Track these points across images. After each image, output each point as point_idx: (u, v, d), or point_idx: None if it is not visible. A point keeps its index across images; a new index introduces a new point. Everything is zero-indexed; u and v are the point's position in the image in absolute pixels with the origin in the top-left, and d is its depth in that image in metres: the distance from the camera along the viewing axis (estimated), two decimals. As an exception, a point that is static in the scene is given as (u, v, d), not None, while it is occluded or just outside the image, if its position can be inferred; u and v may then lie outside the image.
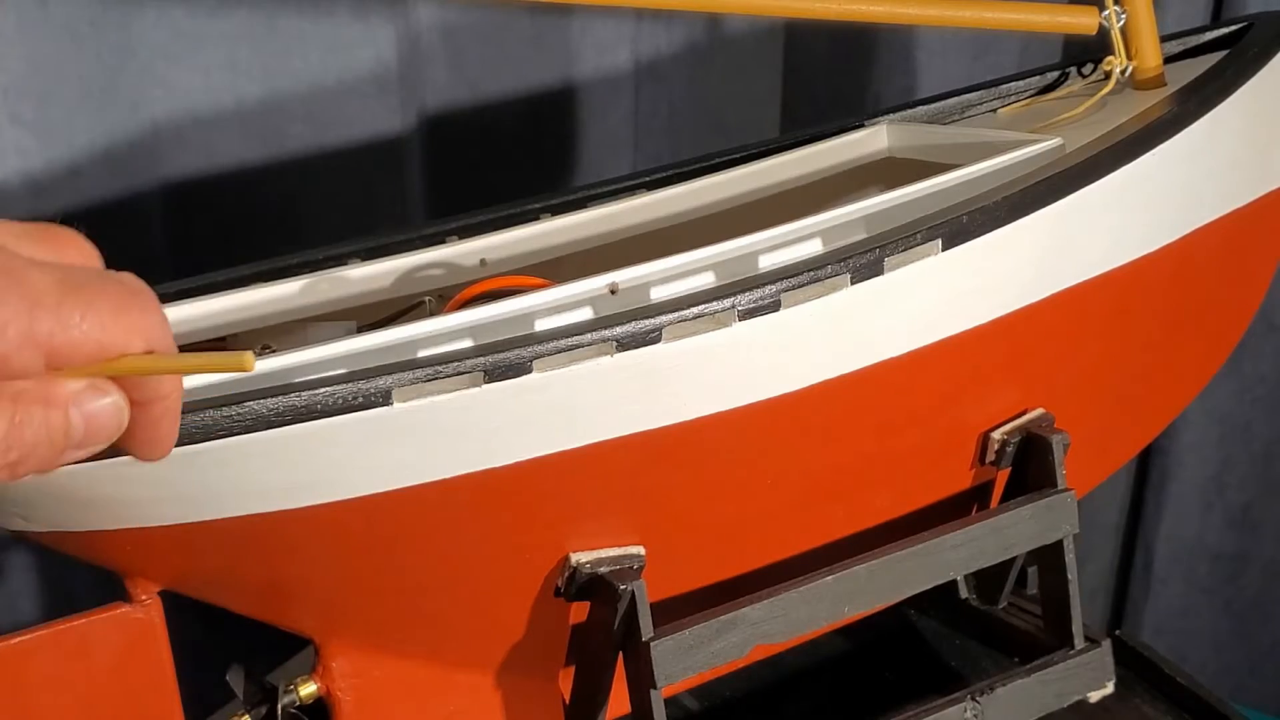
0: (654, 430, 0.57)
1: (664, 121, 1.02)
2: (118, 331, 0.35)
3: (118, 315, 0.35)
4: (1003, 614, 0.76)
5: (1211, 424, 1.24)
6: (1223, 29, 0.80)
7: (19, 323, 0.34)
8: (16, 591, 0.89)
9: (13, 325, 0.34)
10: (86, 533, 0.54)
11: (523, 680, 0.65)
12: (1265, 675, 1.36)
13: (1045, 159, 0.66)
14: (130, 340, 0.35)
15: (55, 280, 0.35)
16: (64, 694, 0.56)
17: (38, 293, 0.34)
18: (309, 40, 0.85)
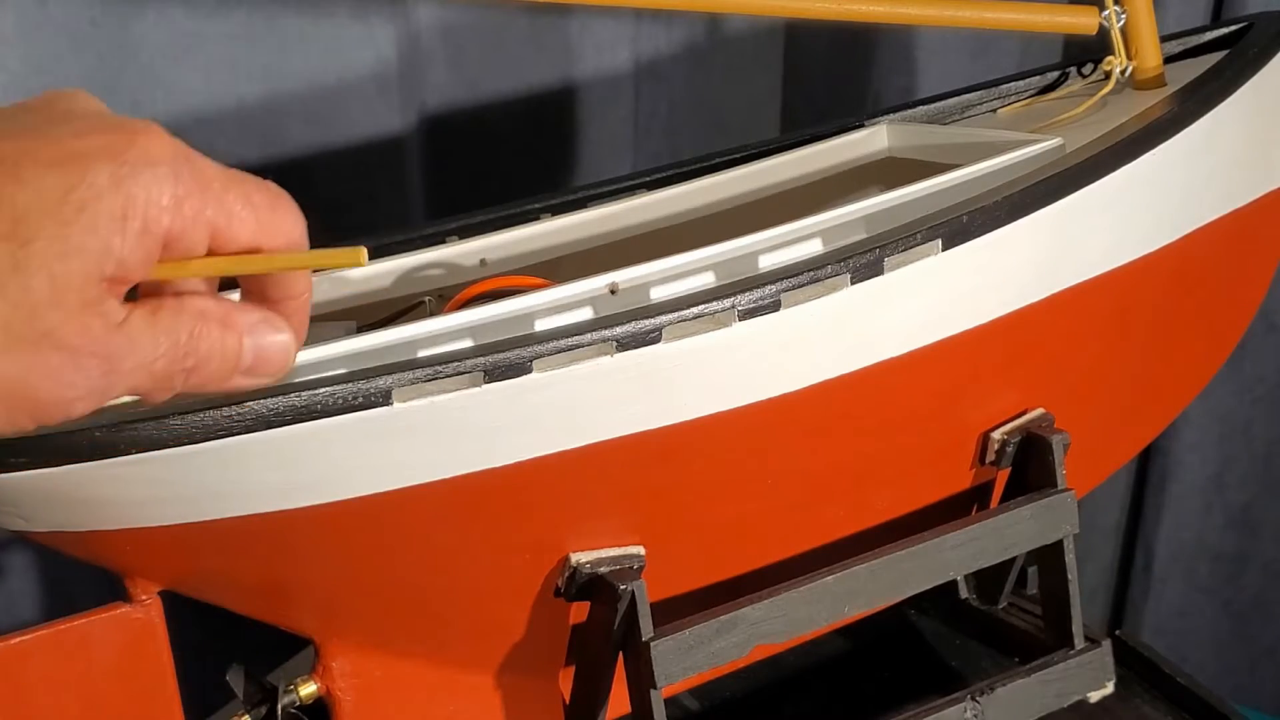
0: (654, 430, 0.57)
1: (664, 121, 1.01)
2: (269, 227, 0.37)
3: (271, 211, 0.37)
4: (1003, 614, 0.76)
5: (1212, 424, 1.24)
6: (1223, 29, 0.80)
7: (193, 201, 0.35)
8: (16, 591, 0.89)
9: (188, 203, 0.35)
10: (86, 533, 0.54)
11: (523, 680, 0.65)
12: (1265, 675, 1.36)
13: (1045, 159, 0.66)
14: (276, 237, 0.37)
15: (220, 170, 0.36)
16: (64, 694, 0.56)
17: (208, 178, 0.35)
18: (309, 40, 0.85)
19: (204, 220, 0.35)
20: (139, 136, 0.34)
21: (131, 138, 0.34)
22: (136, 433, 0.48)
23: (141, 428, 0.48)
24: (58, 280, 0.32)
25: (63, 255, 0.32)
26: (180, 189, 0.34)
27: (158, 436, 0.48)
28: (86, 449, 0.48)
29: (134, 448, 0.48)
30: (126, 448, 0.48)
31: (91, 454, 0.48)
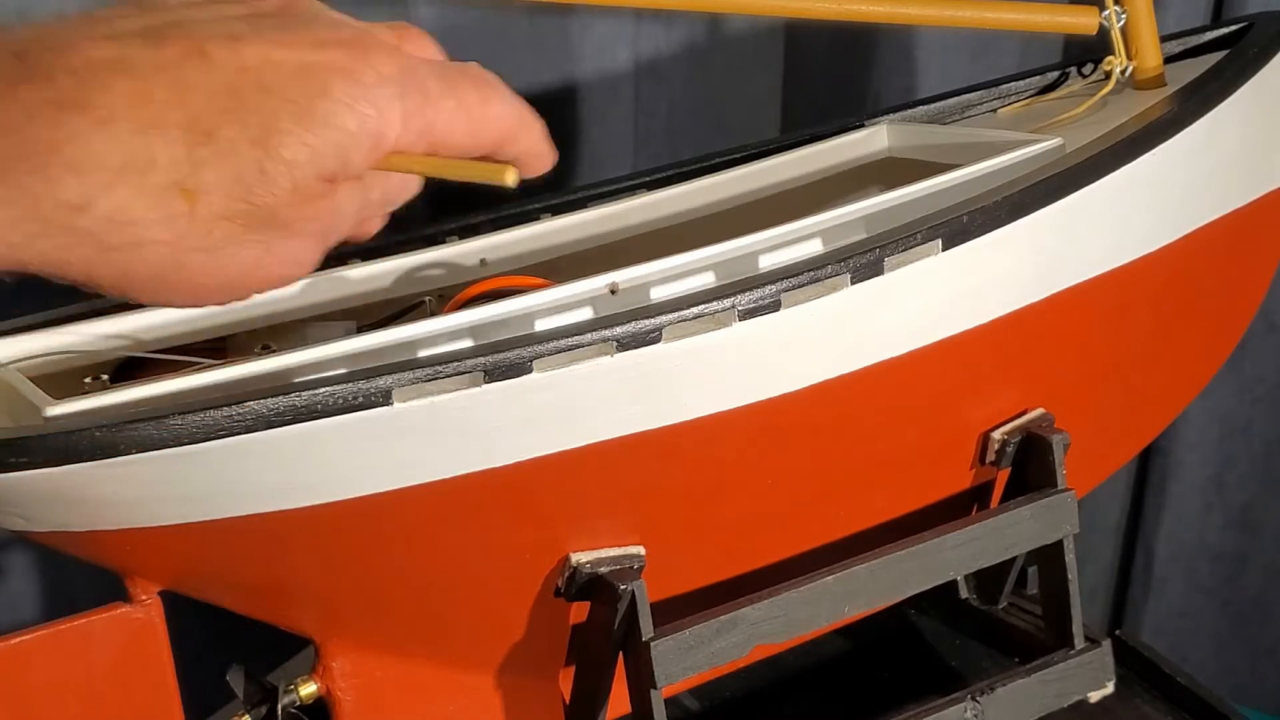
0: (654, 430, 0.57)
1: (664, 121, 1.01)
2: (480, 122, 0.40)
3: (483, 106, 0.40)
4: (1003, 614, 0.76)
5: (1212, 424, 1.24)
6: (1223, 29, 0.80)
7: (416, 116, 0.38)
8: (16, 591, 0.89)
9: (413, 118, 0.38)
10: (86, 533, 0.54)
11: (523, 680, 0.65)
12: (1265, 675, 1.36)
13: (1045, 159, 0.66)
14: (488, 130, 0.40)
15: (438, 75, 0.39)
16: (64, 694, 0.56)
17: (428, 89, 0.38)
18: (309, 40, 0.85)
19: (423, 128, 0.38)
20: (371, 54, 0.36)
21: (365, 55, 0.36)
22: (136, 433, 0.48)
23: (141, 428, 0.48)
24: (298, 184, 0.35)
25: (303, 163, 0.35)
26: (407, 104, 0.37)
27: (158, 436, 0.48)
28: (86, 449, 0.48)
29: (134, 448, 0.48)
30: (126, 448, 0.48)
31: (91, 454, 0.48)
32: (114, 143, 0.33)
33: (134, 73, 0.34)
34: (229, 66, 0.35)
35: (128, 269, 0.35)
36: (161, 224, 0.34)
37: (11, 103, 0.33)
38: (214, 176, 0.34)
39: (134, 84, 0.33)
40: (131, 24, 0.35)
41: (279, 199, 0.35)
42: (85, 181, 0.33)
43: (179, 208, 0.34)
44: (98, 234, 0.34)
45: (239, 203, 0.35)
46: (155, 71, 0.34)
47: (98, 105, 0.33)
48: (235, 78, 0.34)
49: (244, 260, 0.36)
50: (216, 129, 0.34)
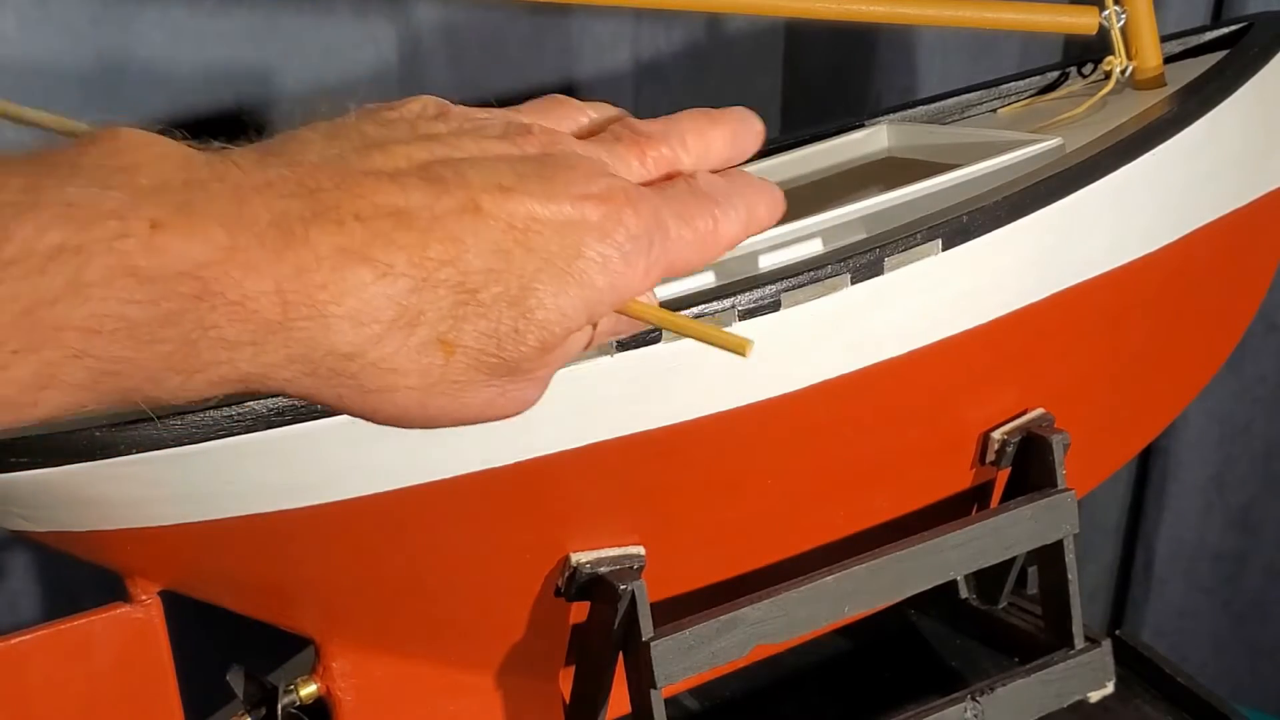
0: (654, 430, 0.57)
1: (664, 121, 1.01)
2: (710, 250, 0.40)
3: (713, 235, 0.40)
4: (1003, 614, 0.76)
5: (1212, 424, 1.24)
6: (1223, 29, 0.80)
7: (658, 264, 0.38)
8: (17, 591, 0.89)
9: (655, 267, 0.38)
10: (87, 533, 0.54)
11: (523, 680, 0.65)
12: (1265, 675, 1.36)
13: (1045, 159, 0.66)
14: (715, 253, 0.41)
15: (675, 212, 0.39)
16: (64, 694, 0.56)
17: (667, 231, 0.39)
18: (309, 40, 0.85)
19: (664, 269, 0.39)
20: (623, 211, 0.37)
21: (618, 212, 0.37)
22: (136, 433, 0.48)
23: (141, 428, 0.48)
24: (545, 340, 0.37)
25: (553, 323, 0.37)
26: (652, 254, 0.38)
27: (158, 436, 0.48)
28: (86, 449, 0.48)
29: (134, 448, 0.48)
30: (126, 448, 0.48)
31: (91, 454, 0.48)
32: (391, 299, 0.34)
33: (415, 225, 0.34)
34: (499, 223, 0.36)
35: (377, 407, 0.36)
36: (418, 373, 0.35)
37: (303, 245, 0.33)
38: (472, 332, 0.35)
39: (414, 237, 0.34)
40: (409, 158, 0.36)
41: (525, 354, 0.37)
42: (360, 333, 0.34)
43: (436, 359, 0.35)
44: (359, 379, 0.35)
45: (489, 356, 0.36)
46: (433, 223, 0.35)
47: (382, 260, 0.34)
48: (503, 236, 0.36)
49: (479, 402, 0.37)
50: (481, 288, 0.35)
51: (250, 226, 0.32)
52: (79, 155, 0.33)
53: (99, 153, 0.33)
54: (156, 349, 0.32)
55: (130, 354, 0.32)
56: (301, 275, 0.33)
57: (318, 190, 0.34)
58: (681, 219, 0.39)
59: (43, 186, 0.31)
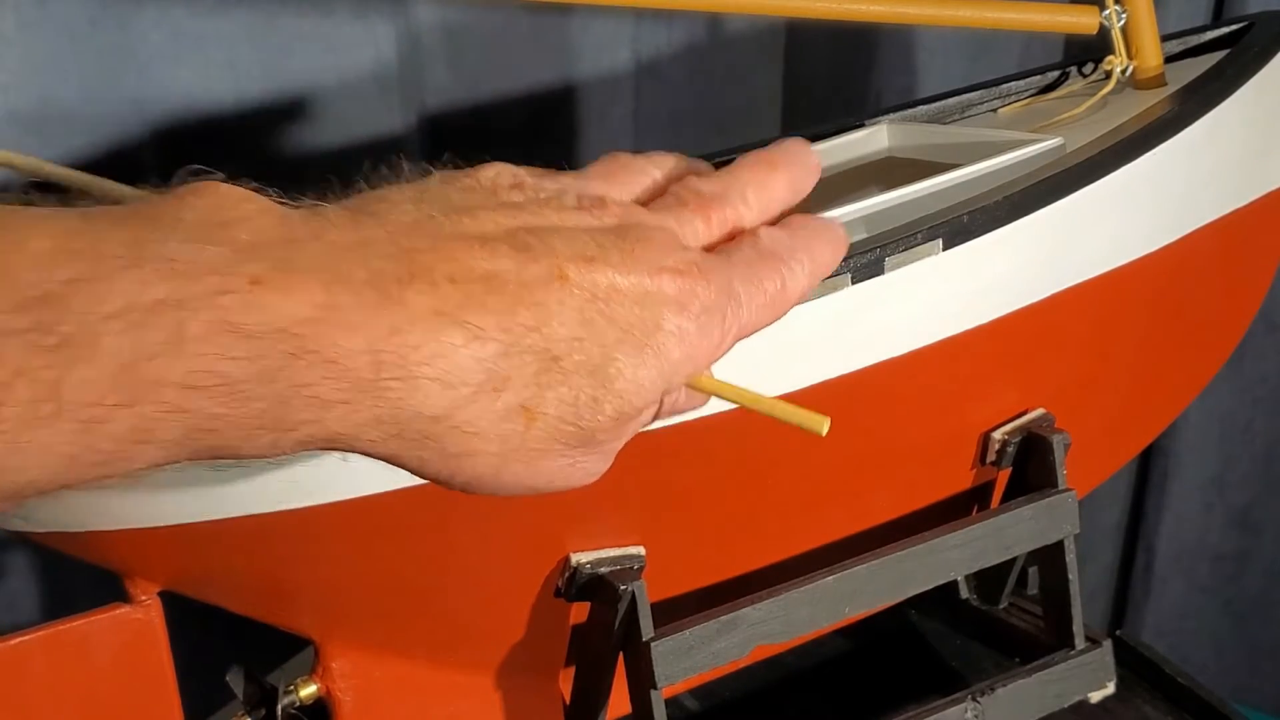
0: (654, 430, 0.56)
1: (664, 121, 1.01)
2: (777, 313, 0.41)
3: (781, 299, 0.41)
4: (1003, 614, 0.76)
5: (1212, 424, 1.24)
6: (1223, 28, 0.80)
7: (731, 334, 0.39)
8: (16, 592, 0.89)
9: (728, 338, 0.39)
10: (86, 533, 0.53)
11: (523, 680, 0.65)
12: (1266, 675, 1.36)
13: (1046, 158, 0.66)
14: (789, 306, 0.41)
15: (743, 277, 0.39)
16: (63, 695, 0.55)
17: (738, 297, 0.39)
18: (309, 40, 0.85)
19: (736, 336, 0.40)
20: (697, 283, 0.38)
21: (693, 285, 0.38)
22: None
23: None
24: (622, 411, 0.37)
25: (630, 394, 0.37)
26: (726, 324, 0.39)
27: (157, 436, 0.48)
28: (86, 449, 0.48)
29: (133, 448, 0.48)
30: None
31: (91, 454, 0.48)
32: (480, 362, 0.34)
33: (504, 290, 0.35)
34: (583, 293, 0.36)
35: (455, 471, 0.36)
36: (499, 439, 0.35)
37: (398, 305, 0.33)
38: (553, 399, 0.36)
39: (504, 302, 0.35)
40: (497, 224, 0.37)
41: (601, 424, 0.37)
42: (448, 396, 0.34)
43: (518, 426, 0.35)
44: (443, 441, 0.35)
45: (567, 425, 0.36)
46: (521, 290, 0.35)
47: (473, 323, 0.34)
48: (586, 306, 0.36)
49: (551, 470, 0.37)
50: (564, 355, 0.36)
51: (347, 284, 0.33)
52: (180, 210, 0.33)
53: (201, 207, 0.33)
54: (252, 406, 0.32)
55: (226, 410, 0.32)
56: (395, 335, 0.33)
57: (412, 251, 0.34)
58: (751, 284, 0.40)
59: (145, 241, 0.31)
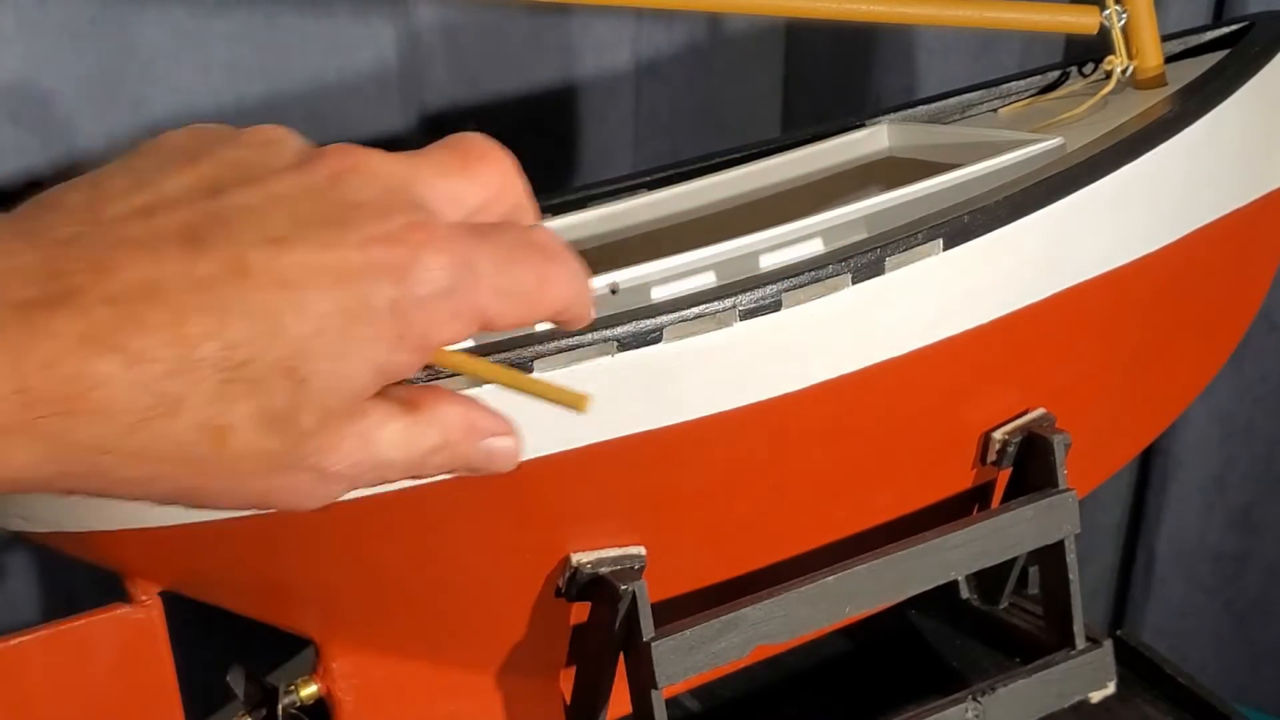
0: (655, 430, 0.57)
1: (664, 121, 1.01)
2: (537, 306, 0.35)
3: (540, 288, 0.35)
4: (1004, 614, 0.76)
5: (1213, 424, 1.24)
6: (1224, 28, 0.80)
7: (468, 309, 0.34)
8: (16, 592, 0.89)
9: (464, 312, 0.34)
10: (86, 533, 0.53)
11: (523, 680, 0.65)
12: (1266, 675, 1.35)
13: (1046, 158, 0.66)
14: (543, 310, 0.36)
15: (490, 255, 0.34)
16: (64, 695, 0.55)
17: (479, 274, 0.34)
18: (309, 40, 0.85)
19: (474, 316, 0.34)
20: (423, 251, 0.33)
21: (415, 252, 0.33)
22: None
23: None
24: (328, 412, 0.32)
25: (335, 389, 0.32)
26: (457, 299, 0.33)
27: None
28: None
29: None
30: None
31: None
32: (144, 387, 0.30)
33: (169, 300, 0.31)
34: (268, 282, 0.31)
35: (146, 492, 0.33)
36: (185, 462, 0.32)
37: (46, 337, 0.30)
38: (244, 413, 0.31)
39: (168, 316, 0.30)
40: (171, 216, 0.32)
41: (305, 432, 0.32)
42: (111, 425, 0.30)
43: (206, 448, 0.32)
44: (119, 471, 0.32)
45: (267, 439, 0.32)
46: (190, 294, 0.31)
47: (131, 346, 0.30)
48: (274, 297, 0.31)
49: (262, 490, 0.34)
50: (250, 359, 0.31)
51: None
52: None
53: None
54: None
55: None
56: (46, 370, 0.30)
57: (64, 274, 0.30)
58: (500, 268, 0.34)
59: None
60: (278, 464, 0.33)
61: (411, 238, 0.33)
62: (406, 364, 0.33)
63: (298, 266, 0.32)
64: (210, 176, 0.33)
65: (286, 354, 0.31)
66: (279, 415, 0.32)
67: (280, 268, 0.31)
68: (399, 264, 0.32)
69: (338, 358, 0.32)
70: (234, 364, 0.31)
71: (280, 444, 0.32)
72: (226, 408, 0.31)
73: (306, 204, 0.33)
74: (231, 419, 0.31)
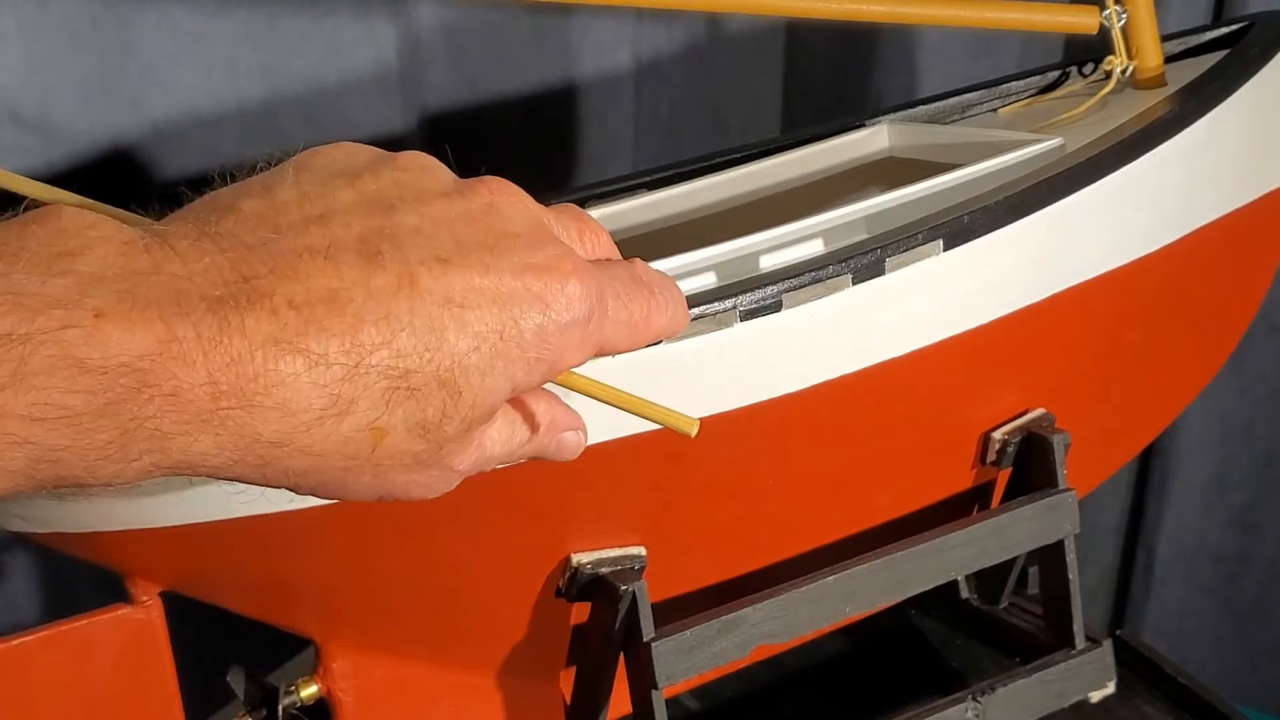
0: (656, 431, 0.56)
1: (664, 121, 1.01)
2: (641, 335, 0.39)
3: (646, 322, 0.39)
4: (1004, 614, 0.76)
5: (1213, 424, 1.24)
6: (1223, 29, 0.80)
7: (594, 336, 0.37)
8: (17, 592, 0.89)
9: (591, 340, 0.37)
10: (87, 533, 0.54)
11: (524, 681, 0.65)
12: (1266, 675, 1.36)
13: (1046, 159, 0.66)
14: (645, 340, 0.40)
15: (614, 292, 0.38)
16: (65, 695, 0.56)
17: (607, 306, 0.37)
18: (309, 40, 0.85)
19: (597, 347, 0.38)
20: (568, 282, 0.36)
21: (562, 283, 0.36)
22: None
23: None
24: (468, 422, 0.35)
25: (480, 402, 0.35)
26: (589, 329, 0.37)
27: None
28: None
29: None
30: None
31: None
32: (323, 387, 0.33)
33: (348, 309, 0.33)
34: (435, 299, 0.34)
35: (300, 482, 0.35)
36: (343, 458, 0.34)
37: (238, 335, 0.32)
38: (402, 417, 0.34)
39: (347, 322, 0.33)
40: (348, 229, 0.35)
41: (449, 436, 0.35)
42: (289, 423, 0.33)
43: (364, 446, 0.34)
44: (285, 464, 0.34)
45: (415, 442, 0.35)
46: (367, 304, 0.33)
47: (314, 349, 0.33)
48: (439, 312, 0.34)
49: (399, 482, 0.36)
50: (414, 370, 0.34)
51: (187, 317, 0.32)
52: (23, 238, 0.32)
53: (43, 235, 0.32)
54: (95, 438, 0.32)
55: (69, 442, 0.31)
56: (234, 366, 0.32)
57: (253, 278, 0.33)
58: (620, 300, 0.38)
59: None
60: (417, 463, 0.35)
61: (560, 268, 0.36)
62: (536, 383, 0.37)
63: (461, 286, 0.34)
64: (376, 194, 0.36)
65: (445, 367, 0.34)
66: (430, 422, 0.35)
67: (445, 286, 0.34)
68: (549, 293, 0.36)
69: (486, 374, 0.35)
70: (400, 372, 0.34)
71: (424, 447, 0.35)
72: (388, 412, 0.34)
73: (465, 228, 0.36)
74: (391, 422, 0.34)
